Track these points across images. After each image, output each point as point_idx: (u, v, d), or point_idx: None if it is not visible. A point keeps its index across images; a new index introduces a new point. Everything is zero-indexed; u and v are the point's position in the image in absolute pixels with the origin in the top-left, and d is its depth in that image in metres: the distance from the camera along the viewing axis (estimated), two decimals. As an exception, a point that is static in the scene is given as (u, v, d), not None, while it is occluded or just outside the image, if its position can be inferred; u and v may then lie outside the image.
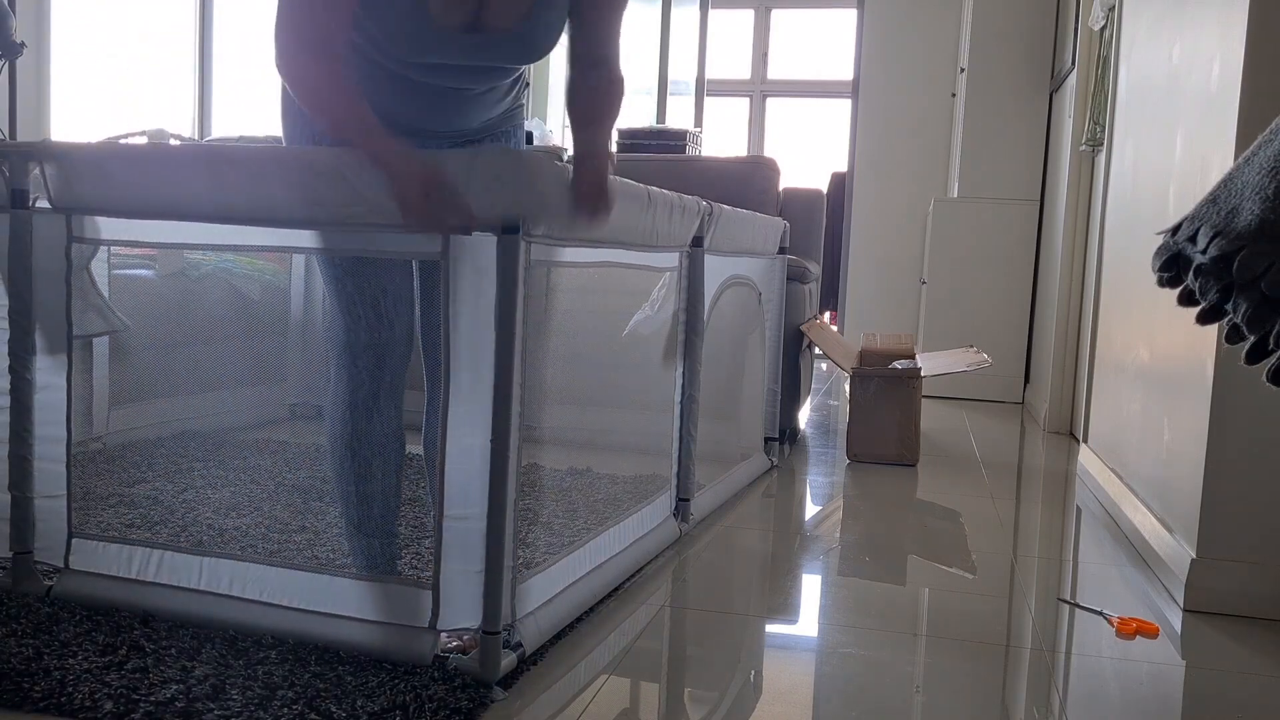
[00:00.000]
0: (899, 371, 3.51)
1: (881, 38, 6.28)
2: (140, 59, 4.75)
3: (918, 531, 2.64)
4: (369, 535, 1.74)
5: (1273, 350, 0.97)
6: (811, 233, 4.11)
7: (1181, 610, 2.11)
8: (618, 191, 1.74)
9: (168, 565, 1.78)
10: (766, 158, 4.02)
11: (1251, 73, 2.05)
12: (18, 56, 3.42)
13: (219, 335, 3.46)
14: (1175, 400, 2.38)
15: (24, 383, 1.83)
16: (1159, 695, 1.68)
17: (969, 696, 1.64)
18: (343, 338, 1.71)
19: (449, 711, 1.45)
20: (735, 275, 2.81)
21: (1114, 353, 3.18)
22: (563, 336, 3.36)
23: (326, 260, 1.69)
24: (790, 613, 2.00)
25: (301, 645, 1.65)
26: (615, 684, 1.63)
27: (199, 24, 4.97)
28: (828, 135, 7.38)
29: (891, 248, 6.31)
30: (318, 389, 3.74)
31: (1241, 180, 1.01)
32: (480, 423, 1.55)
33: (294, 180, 1.60)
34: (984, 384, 5.30)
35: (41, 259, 1.82)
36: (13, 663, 1.54)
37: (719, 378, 2.81)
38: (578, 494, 2.76)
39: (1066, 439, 4.24)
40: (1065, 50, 4.89)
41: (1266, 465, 2.09)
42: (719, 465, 2.88)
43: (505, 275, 1.52)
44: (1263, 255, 0.95)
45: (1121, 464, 2.91)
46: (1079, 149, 4.30)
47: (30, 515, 1.86)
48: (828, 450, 3.76)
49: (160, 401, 3.24)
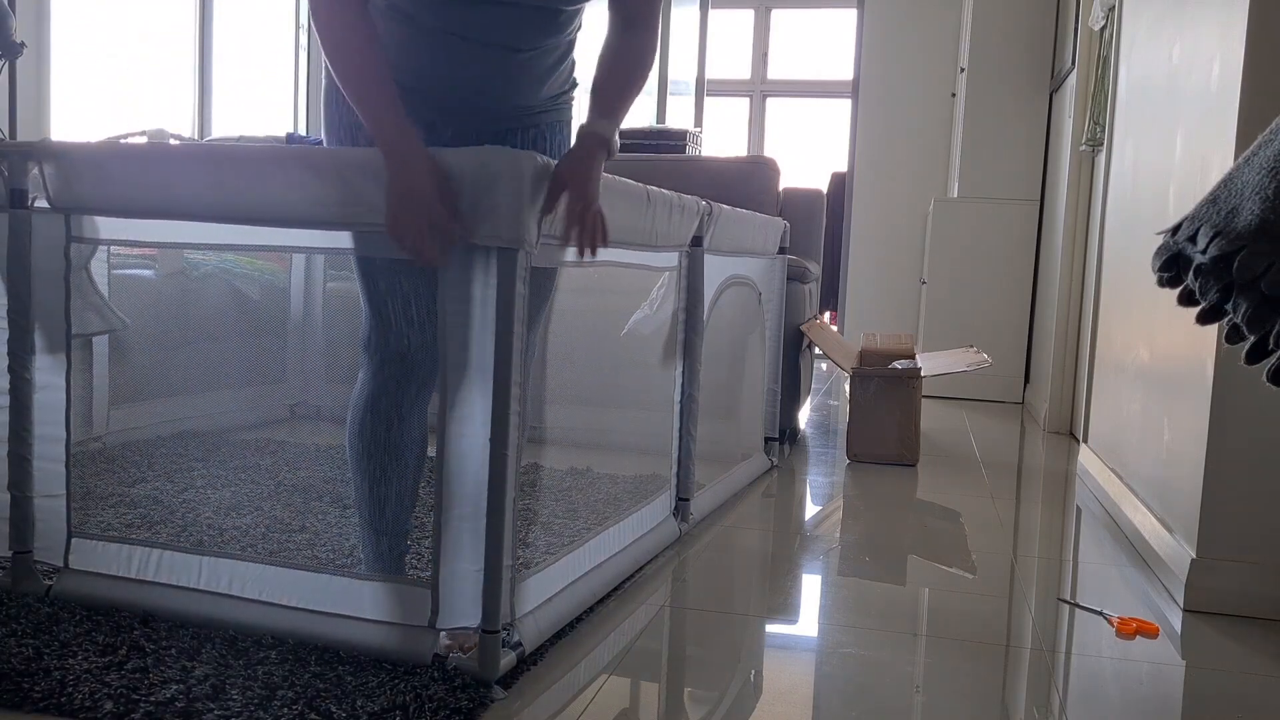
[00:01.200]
0: (899, 371, 3.51)
1: (881, 38, 6.27)
2: (140, 59, 4.75)
3: (918, 531, 2.64)
4: (379, 533, 1.74)
5: (1273, 350, 0.97)
6: (811, 233, 4.11)
7: (1181, 610, 2.11)
8: (601, 190, 1.60)
9: (167, 565, 1.78)
10: (766, 158, 4.02)
11: (1251, 73, 2.05)
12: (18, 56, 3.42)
13: (219, 335, 3.46)
14: (1175, 400, 2.38)
15: (23, 382, 1.83)
16: (1159, 695, 1.68)
17: (969, 696, 1.64)
18: (373, 339, 1.70)
19: (449, 711, 1.45)
20: (735, 275, 2.81)
21: (1114, 353, 3.18)
22: (562, 336, 3.36)
23: (358, 259, 1.68)
24: (790, 613, 2.00)
25: (301, 645, 1.65)
26: (615, 684, 1.63)
27: (199, 24, 4.97)
28: (828, 135, 7.38)
29: (891, 248, 6.31)
30: (317, 389, 3.74)
31: (1241, 180, 1.01)
32: (480, 423, 1.55)
33: (294, 180, 1.60)
34: (984, 384, 5.30)
35: (40, 258, 1.82)
36: (13, 663, 1.54)
37: (719, 378, 2.81)
38: (578, 494, 2.76)
39: (1066, 439, 4.24)
40: (1065, 50, 4.89)
41: (1266, 465, 2.09)
42: (719, 465, 2.88)
43: (505, 276, 1.52)
44: (1263, 255, 0.95)
45: (1121, 464, 2.91)
46: (1079, 149, 4.30)
47: (30, 515, 1.85)
48: (828, 450, 3.76)
49: (160, 401, 3.24)
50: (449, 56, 1.59)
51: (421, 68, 1.61)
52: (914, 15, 6.21)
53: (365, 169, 1.54)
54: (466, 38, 1.58)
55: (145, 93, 4.79)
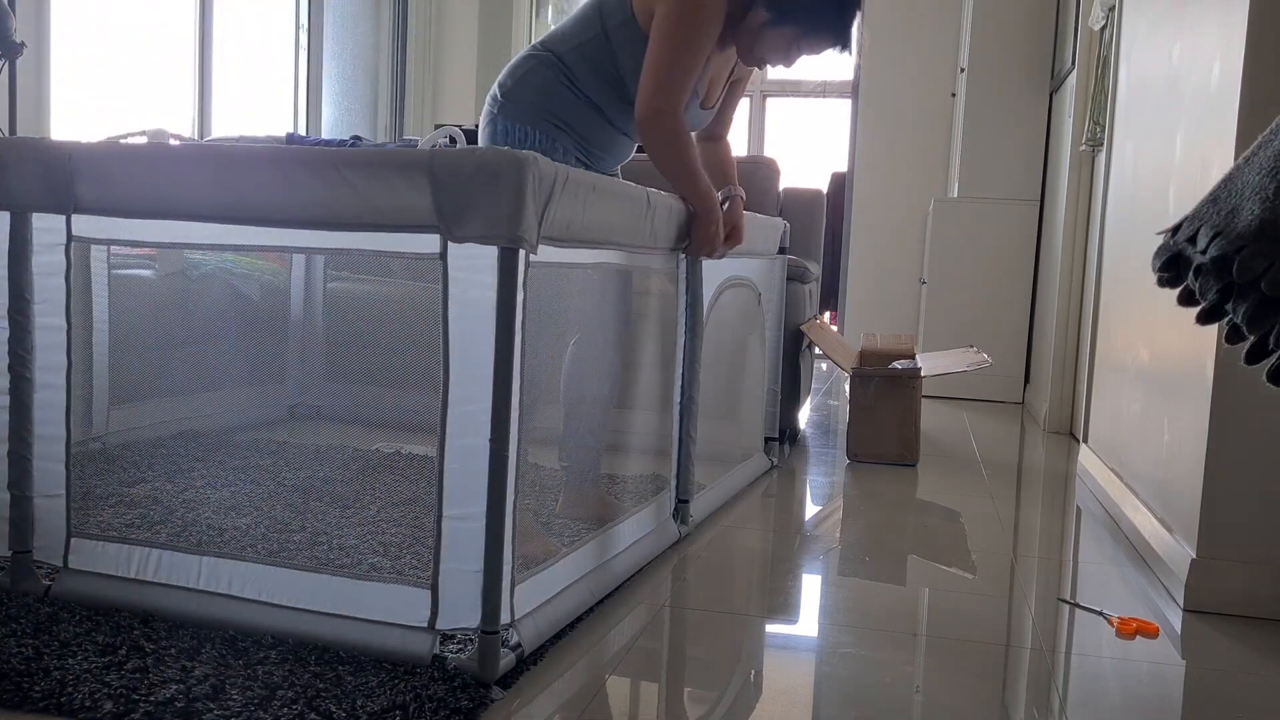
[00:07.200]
0: (899, 371, 3.51)
1: (881, 38, 6.27)
2: (140, 59, 4.75)
3: (918, 531, 2.64)
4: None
5: (1273, 350, 0.97)
6: (811, 233, 4.11)
7: (1181, 610, 2.11)
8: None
9: (167, 565, 1.78)
10: (766, 158, 4.02)
11: (1251, 73, 2.05)
12: (18, 56, 3.42)
13: (219, 335, 3.46)
14: (1175, 400, 2.38)
15: (23, 381, 1.83)
16: (1159, 695, 1.68)
17: (969, 696, 1.64)
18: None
19: (449, 711, 1.45)
20: (734, 276, 2.81)
21: (1114, 353, 3.18)
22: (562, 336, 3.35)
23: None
24: (790, 613, 2.00)
25: (301, 645, 1.65)
26: (615, 684, 1.63)
27: (199, 24, 4.96)
28: (828, 135, 7.38)
29: (891, 248, 6.31)
30: (317, 389, 3.74)
31: (1241, 180, 1.01)
32: (479, 422, 1.55)
33: (294, 180, 1.60)
34: (984, 384, 5.30)
35: (40, 258, 1.82)
36: (12, 663, 1.54)
37: (719, 378, 2.81)
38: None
39: (1066, 439, 4.24)
40: (1065, 50, 4.89)
41: (1266, 465, 2.09)
42: (719, 465, 2.88)
43: (505, 276, 1.52)
44: (1263, 255, 0.95)
45: (1121, 464, 2.91)
46: (1079, 149, 4.30)
47: (29, 514, 1.85)
48: (828, 450, 3.76)
49: (160, 401, 3.24)
50: (606, 138, 2.36)
51: (591, 133, 2.33)
52: (914, 15, 6.21)
53: (364, 169, 1.55)
54: (615, 126, 2.36)
55: (145, 93, 4.78)
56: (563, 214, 1.65)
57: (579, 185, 1.69)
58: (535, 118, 2.25)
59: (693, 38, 2.15)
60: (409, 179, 1.54)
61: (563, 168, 1.62)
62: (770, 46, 2.26)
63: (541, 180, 1.56)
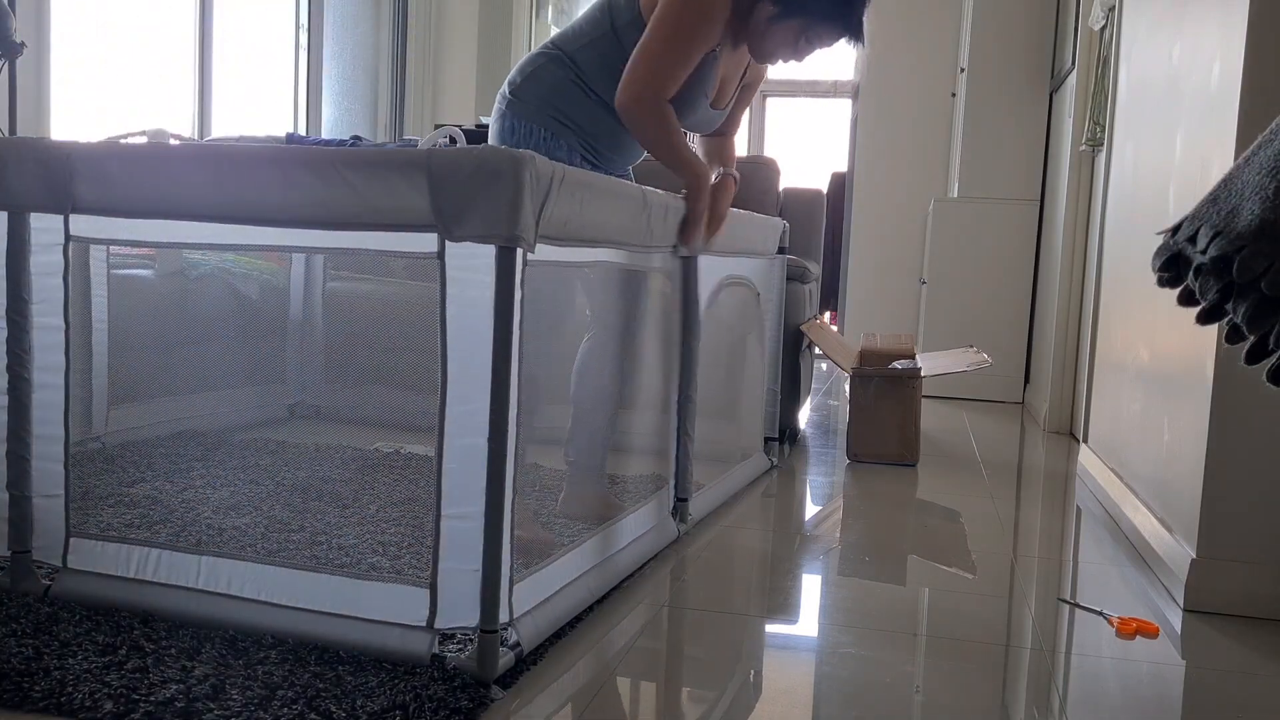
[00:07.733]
0: (899, 371, 3.51)
1: (881, 38, 6.27)
2: (140, 59, 4.74)
3: (918, 531, 2.64)
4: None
5: (1273, 350, 0.97)
6: (811, 233, 4.10)
7: (1181, 610, 2.11)
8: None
9: (167, 565, 1.78)
10: (766, 158, 4.02)
11: (1251, 73, 2.05)
12: (18, 56, 3.42)
13: (218, 335, 3.46)
14: (1175, 400, 2.38)
15: (22, 381, 1.83)
16: (1159, 695, 1.68)
17: (969, 696, 1.64)
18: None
19: (449, 711, 1.45)
20: (731, 275, 2.81)
21: (1114, 353, 3.17)
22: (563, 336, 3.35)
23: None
24: (790, 613, 2.00)
25: (301, 645, 1.65)
26: (614, 684, 1.63)
27: (199, 24, 4.96)
28: (828, 135, 7.38)
29: (891, 248, 6.31)
30: (317, 389, 3.74)
31: (1241, 180, 1.01)
32: (478, 422, 1.55)
33: (293, 180, 1.60)
34: (984, 384, 5.30)
35: (39, 258, 1.82)
36: (12, 663, 1.54)
37: (719, 378, 2.81)
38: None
39: (1066, 439, 4.24)
40: (1065, 50, 4.89)
41: (1266, 465, 2.09)
42: (719, 465, 2.88)
43: (503, 275, 1.52)
44: (1263, 255, 0.95)
45: (1121, 464, 2.91)
46: (1079, 149, 4.30)
47: (28, 514, 1.85)
48: (828, 450, 3.76)
49: (160, 401, 3.24)
50: (615, 137, 2.34)
51: (600, 132, 2.32)
52: (914, 15, 6.21)
53: (363, 168, 1.55)
54: (623, 125, 2.30)
55: (145, 93, 4.78)
56: (560, 212, 1.65)
57: (576, 184, 1.69)
58: (542, 116, 2.25)
59: (689, 28, 2.13)
60: (407, 178, 1.54)
61: (560, 166, 1.62)
62: (779, 40, 2.26)
63: (539, 179, 1.56)
